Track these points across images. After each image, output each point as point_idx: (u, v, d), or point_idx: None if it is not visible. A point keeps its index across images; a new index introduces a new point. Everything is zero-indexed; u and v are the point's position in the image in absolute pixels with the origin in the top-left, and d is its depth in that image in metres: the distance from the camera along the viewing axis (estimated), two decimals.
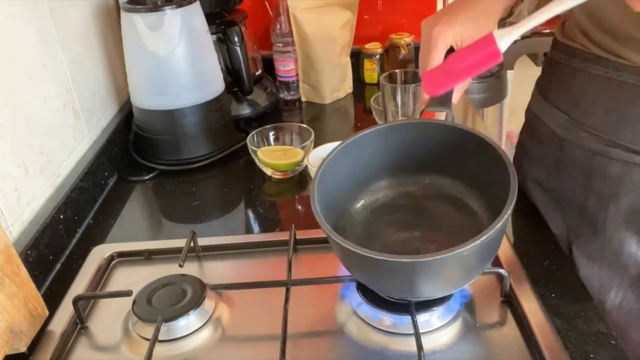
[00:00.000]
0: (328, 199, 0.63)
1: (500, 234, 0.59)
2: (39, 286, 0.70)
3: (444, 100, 0.68)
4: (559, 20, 0.77)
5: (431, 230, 0.70)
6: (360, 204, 0.72)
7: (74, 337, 0.68)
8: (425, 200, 0.71)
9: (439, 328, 0.64)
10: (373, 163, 0.70)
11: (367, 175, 0.71)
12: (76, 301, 0.69)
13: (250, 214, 0.94)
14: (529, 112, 0.84)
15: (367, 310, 0.66)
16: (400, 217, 0.71)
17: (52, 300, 0.71)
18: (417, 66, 1.33)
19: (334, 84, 1.28)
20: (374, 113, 1.08)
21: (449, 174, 0.69)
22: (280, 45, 1.27)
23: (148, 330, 0.65)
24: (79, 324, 0.70)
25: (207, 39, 1.05)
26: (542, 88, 0.81)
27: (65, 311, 0.70)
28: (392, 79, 0.97)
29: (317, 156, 0.97)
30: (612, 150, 0.68)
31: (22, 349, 0.63)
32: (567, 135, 0.73)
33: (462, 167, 0.67)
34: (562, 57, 0.75)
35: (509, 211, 0.55)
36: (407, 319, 0.63)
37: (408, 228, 0.71)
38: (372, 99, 1.08)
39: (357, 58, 1.35)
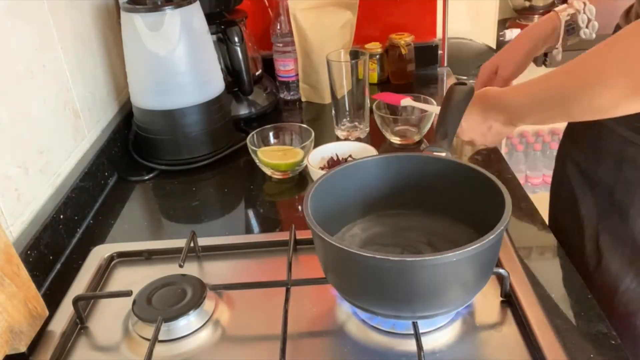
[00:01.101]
0: (322, 214, 0.63)
1: (492, 250, 0.60)
2: (39, 286, 0.70)
3: (443, 143, 0.76)
4: (624, 9, 0.78)
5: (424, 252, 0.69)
6: (354, 227, 0.73)
7: (74, 337, 0.68)
8: (420, 225, 0.72)
9: (439, 328, 0.64)
10: (371, 189, 0.72)
11: (362, 200, 0.73)
12: (76, 301, 0.69)
13: (251, 214, 0.94)
14: None
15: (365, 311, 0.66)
16: (392, 244, 0.71)
17: (52, 300, 0.71)
18: (416, 66, 1.35)
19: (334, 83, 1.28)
20: (374, 114, 1.08)
21: (442, 203, 0.71)
22: (280, 45, 1.27)
23: (148, 331, 0.65)
24: (79, 324, 0.70)
25: (207, 39, 1.05)
26: None
27: (65, 311, 0.70)
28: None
29: (317, 156, 0.97)
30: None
31: (22, 349, 0.63)
32: (606, 121, 0.74)
33: (456, 197, 0.70)
34: None
35: (502, 229, 0.57)
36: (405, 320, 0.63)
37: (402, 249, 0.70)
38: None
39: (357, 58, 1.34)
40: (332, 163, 0.97)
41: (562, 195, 0.89)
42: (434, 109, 1.01)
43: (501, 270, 0.67)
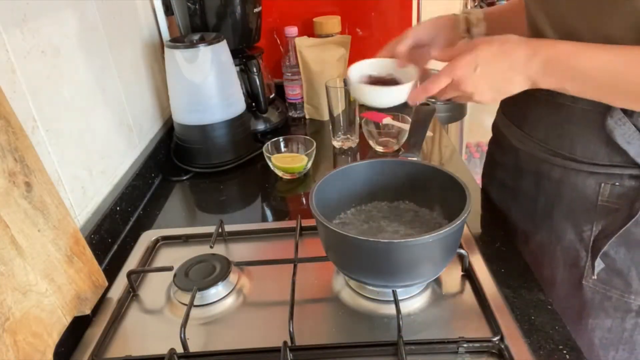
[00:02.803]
0: (323, 205, 0.63)
1: (458, 233, 0.59)
2: (100, 263, 0.70)
3: (414, 150, 0.74)
4: None
5: (405, 235, 0.68)
6: (347, 213, 0.73)
7: (127, 302, 0.68)
8: (399, 214, 0.72)
9: (413, 296, 0.64)
10: (360, 185, 0.72)
11: (355, 194, 0.72)
12: (129, 275, 0.69)
13: (266, 207, 0.94)
14: (495, 126, 0.83)
15: (356, 282, 0.65)
16: (379, 225, 0.71)
17: (110, 273, 0.71)
18: None
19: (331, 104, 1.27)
20: (363, 128, 1.08)
21: (417, 197, 0.71)
22: (289, 74, 1.27)
23: (186, 297, 0.65)
24: (132, 293, 0.70)
25: (232, 70, 1.05)
26: (503, 107, 0.81)
27: (121, 282, 0.70)
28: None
29: (356, 74, 0.76)
30: (554, 158, 0.68)
31: (87, 311, 0.63)
32: (521, 145, 0.73)
33: (427, 192, 0.69)
34: None
35: (465, 216, 0.57)
36: (388, 288, 0.63)
37: (387, 233, 0.70)
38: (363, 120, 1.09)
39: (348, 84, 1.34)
40: (374, 80, 0.75)
41: (493, 204, 0.84)
42: (408, 126, 1.01)
43: (462, 251, 0.67)
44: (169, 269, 0.69)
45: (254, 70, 1.08)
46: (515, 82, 0.59)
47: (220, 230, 0.78)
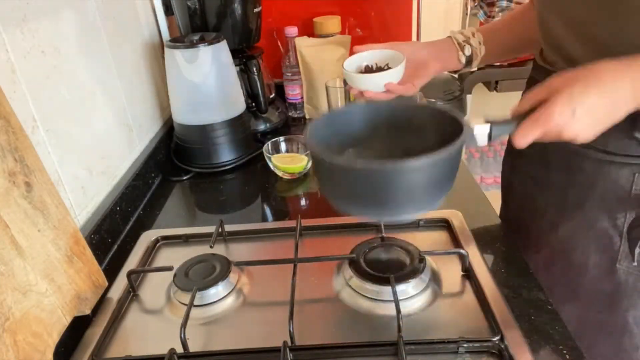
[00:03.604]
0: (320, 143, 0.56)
1: (454, 158, 0.54)
2: (100, 263, 0.70)
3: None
4: (537, 48, 0.75)
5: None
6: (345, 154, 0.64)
7: (127, 302, 0.68)
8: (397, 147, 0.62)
9: (413, 296, 0.64)
10: (354, 129, 0.64)
11: (349, 137, 0.64)
12: (129, 274, 0.69)
13: (266, 207, 0.94)
14: None
15: (357, 281, 0.66)
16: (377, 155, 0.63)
17: (111, 273, 0.71)
18: None
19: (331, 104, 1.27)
20: None
21: (413, 138, 0.62)
22: (289, 74, 1.27)
23: (185, 297, 0.65)
24: (132, 293, 0.70)
25: (232, 70, 1.05)
26: None
27: (121, 282, 0.70)
28: None
29: (352, 64, 0.80)
30: (587, 151, 0.67)
31: (87, 311, 0.63)
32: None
33: (423, 133, 0.61)
34: (541, 77, 0.69)
35: (461, 140, 0.51)
36: (388, 288, 0.63)
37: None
38: None
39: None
40: (368, 70, 0.79)
41: (516, 193, 0.84)
42: None
43: (462, 251, 0.67)
44: (169, 269, 0.69)
45: (254, 70, 1.08)
46: (623, 110, 0.53)
47: (220, 230, 0.78)
